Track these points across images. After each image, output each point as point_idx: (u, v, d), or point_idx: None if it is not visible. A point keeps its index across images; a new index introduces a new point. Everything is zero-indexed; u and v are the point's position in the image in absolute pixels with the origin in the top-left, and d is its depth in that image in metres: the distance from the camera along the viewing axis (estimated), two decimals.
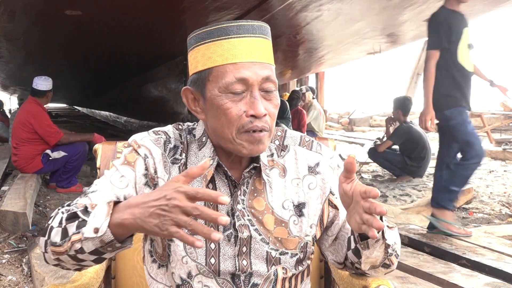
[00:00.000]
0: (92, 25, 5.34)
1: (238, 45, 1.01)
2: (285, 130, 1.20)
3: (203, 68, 1.04)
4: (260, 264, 1.09)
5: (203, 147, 1.11)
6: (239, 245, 1.08)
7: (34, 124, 4.87)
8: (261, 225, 1.09)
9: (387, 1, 4.79)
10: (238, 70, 1.01)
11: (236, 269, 1.08)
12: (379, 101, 19.98)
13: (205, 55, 1.03)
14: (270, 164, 1.13)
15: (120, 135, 10.15)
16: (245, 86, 1.01)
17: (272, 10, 4.88)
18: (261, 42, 1.04)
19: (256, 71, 1.01)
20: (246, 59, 1.01)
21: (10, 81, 12.83)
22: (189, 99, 1.10)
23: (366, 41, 7.09)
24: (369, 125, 15.00)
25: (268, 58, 1.05)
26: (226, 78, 1.01)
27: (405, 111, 6.07)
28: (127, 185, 1.07)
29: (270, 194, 1.11)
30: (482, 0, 5.00)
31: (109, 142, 1.58)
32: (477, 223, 4.26)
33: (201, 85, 1.05)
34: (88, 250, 0.94)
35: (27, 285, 2.88)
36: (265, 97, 1.03)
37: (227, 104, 1.01)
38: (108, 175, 1.09)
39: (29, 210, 3.78)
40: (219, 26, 1.02)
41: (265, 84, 1.03)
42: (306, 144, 1.18)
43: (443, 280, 2.72)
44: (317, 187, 1.15)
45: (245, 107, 1.01)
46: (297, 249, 1.12)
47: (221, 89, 1.02)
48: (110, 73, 9.92)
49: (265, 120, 1.02)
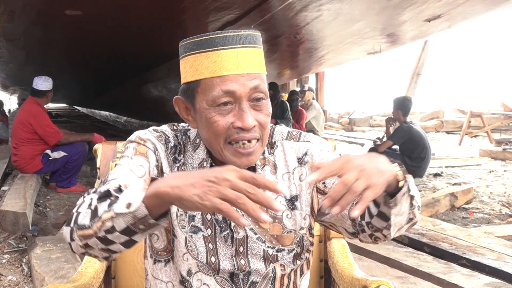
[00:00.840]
0: (92, 25, 5.34)
1: (225, 57, 1.00)
2: (273, 127, 1.19)
3: (192, 79, 1.04)
4: (258, 263, 1.10)
5: (197, 149, 1.11)
6: (235, 245, 1.08)
7: (34, 124, 4.87)
8: (256, 224, 1.10)
9: (387, 1, 4.78)
10: (225, 83, 1.00)
11: (235, 268, 1.09)
12: (379, 101, 19.97)
13: (193, 66, 1.03)
14: (261, 162, 1.13)
15: (120, 135, 10.15)
16: (233, 99, 1.01)
17: (272, 10, 4.88)
18: (249, 52, 1.02)
19: (244, 83, 1.01)
20: (233, 71, 1.00)
21: (10, 81, 12.82)
22: (181, 108, 1.10)
23: (366, 41, 7.09)
24: (369, 125, 14.99)
25: (256, 67, 1.03)
26: (213, 91, 1.00)
27: (405, 111, 6.07)
28: (144, 174, 1.04)
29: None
30: (482, 0, 5.00)
31: (109, 142, 1.58)
32: (477, 223, 4.26)
33: (191, 96, 1.06)
34: (119, 228, 0.87)
35: (27, 285, 2.88)
36: (254, 108, 1.03)
37: (215, 117, 1.01)
38: (125, 164, 1.05)
39: (29, 210, 3.78)
40: (206, 37, 1.01)
41: (254, 95, 1.02)
42: (293, 137, 1.18)
43: (443, 280, 2.72)
44: (307, 176, 1.14)
45: (233, 119, 1.01)
46: (293, 244, 1.12)
47: (208, 102, 1.02)
48: (110, 73, 9.91)
49: (254, 130, 1.02)
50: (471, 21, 6.12)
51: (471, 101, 18.74)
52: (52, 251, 3.06)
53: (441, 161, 7.63)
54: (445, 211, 4.68)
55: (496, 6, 5.33)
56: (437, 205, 4.64)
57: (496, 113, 11.86)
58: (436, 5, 4.95)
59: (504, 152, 7.94)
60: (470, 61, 40.93)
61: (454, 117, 14.03)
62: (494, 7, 5.39)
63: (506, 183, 5.96)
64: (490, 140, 10.27)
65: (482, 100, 19.40)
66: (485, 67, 38.11)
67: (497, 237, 3.55)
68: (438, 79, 33.92)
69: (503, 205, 4.84)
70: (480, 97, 22.16)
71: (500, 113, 11.84)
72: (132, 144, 1.10)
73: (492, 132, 11.01)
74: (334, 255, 1.44)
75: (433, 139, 11.29)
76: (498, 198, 5.14)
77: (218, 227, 1.09)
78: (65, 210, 4.52)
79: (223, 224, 1.09)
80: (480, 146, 9.41)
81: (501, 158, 7.86)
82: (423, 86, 15.52)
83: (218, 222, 1.09)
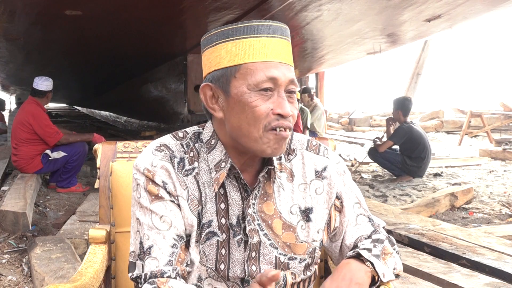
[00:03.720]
0: (92, 25, 5.34)
1: (268, 44, 1.01)
2: (291, 132, 1.19)
3: (229, 64, 1.02)
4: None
5: (213, 150, 1.09)
6: (248, 250, 1.07)
7: (34, 124, 4.86)
8: (270, 229, 1.09)
9: (387, 1, 4.78)
10: (268, 69, 1.00)
11: (245, 275, 1.07)
12: (379, 101, 19.99)
13: (232, 51, 1.01)
14: (278, 168, 1.12)
15: (120, 135, 10.15)
16: (274, 85, 1.01)
17: (272, 10, 4.88)
18: (286, 44, 1.04)
19: (284, 72, 1.02)
20: (276, 59, 1.01)
21: (10, 81, 12.83)
22: (207, 96, 1.07)
23: (366, 41, 7.09)
24: (369, 125, 15.00)
25: (291, 60, 1.06)
26: (256, 75, 1.00)
27: (405, 111, 6.07)
28: (170, 224, 1.05)
29: (279, 198, 1.10)
30: (482, 0, 5.00)
31: (109, 142, 1.57)
32: (477, 223, 4.26)
33: (225, 81, 1.03)
34: None
35: (27, 285, 2.88)
36: (288, 99, 1.03)
37: (256, 101, 1.00)
38: (148, 223, 1.05)
39: (29, 210, 3.78)
40: (249, 24, 1.01)
41: (290, 86, 1.03)
42: (313, 148, 1.17)
43: (443, 280, 2.71)
44: (323, 192, 1.14)
45: (272, 106, 1.01)
46: (305, 255, 1.11)
47: (250, 86, 1.00)
48: (110, 73, 9.92)
49: (289, 120, 1.02)
50: (471, 21, 6.12)
51: (471, 101, 18.76)
52: (52, 251, 3.06)
53: (441, 161, 7.63)
54: (445, 211, 4.68)
55: (496, 6, 5.33)
56: (437, 205, 4.64)
57: (496, 113, 11.87)
58: (436, 5, 4.95)
59: (504, 152, 7.95)
60: (470, 61, 40.91)
61: (454, 117, 14.04)
62: (494, 7, 5.39)
63: (506, 183, 5.96)
64: (490, 140, 10.27)
65: (482, 100, 19.42)
66: (485, 67, 38.10)
67: (497, 236, 3.54)
68: (438, 79, 33.93)
69: (503, 205, 4.84)
70: (480, 97, 22.18)
71: (500, 113, 11.84)
72: (141, 181, 1.07)
73: (492, 132, 11.01)
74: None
75: (433, 139, 11.30)
76: (498, 198, 5.14)
77: (232, 232, 1.07)
78: (65, 210, 4.52)
79: (237, 228, 1.08)
80: (480, 146, 9.41)
81: (501, 158, 7.86)
82: (423, 86, 15.54)
83: (232, 226, 1.08)
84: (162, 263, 1.02)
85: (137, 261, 1.05)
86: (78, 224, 3.77)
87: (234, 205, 1.08)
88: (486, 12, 5.65)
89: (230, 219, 1.07)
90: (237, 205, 1.08)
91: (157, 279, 1.00)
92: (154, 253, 1.03)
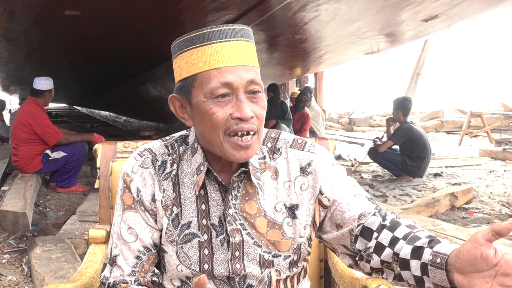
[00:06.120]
0: (91, 25, 5.34)
1: (221, 49, 1.01)
2: (279, 132, 1.20)
3: (188, 75, 1.04)
4: (253, 267, 1.09)
5: (195, 154, 1.12)
6: (231, 249, 1.08)
7: (33, 124, 4.86)
8: (253, 228, 1.10)
9: (384, 1, 4.78)
10: (222, 75, 1.00)
11: (229, 273, 1.09)
12: (379, 101, 19.99)
13: (189, 62, 1.03)
14: (262, 167, 1.13)
15: (120, 135, 10.16)
16: (230, 90, 1.01)
17: (271, 10, 4.88)
18: (243, 45, 1.03)
19: (240, 75, 1.01)
20: (230, 63, 1.01)
21: (10, 81, 12.83)
22: (176, 107, 1.10)
23: (365, 41, 7.09)
24: (369, 125, 15.01)
25: (251, 60, 1.04)
26: (210, 83, 1.01)
27: (405, 112, 6.08)
28: (136, 237, 1.11)
29: (262, 197, 1.11)
30: (479, 1, 5.00)
31: (109, 142, 1.58)
32: (477, 223, 4.26)
33: (187, 92, 1.05)
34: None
35: (27, 285, 2.88)
36: (251, 100, 1.03)
37: (213, 109, 1.01)
38: (118, 232, 1.13)
39: (29, 210, 3.78)
40: (200, 33, 1.02)
41: (250, 87, 1.03)
42: (298, 146, 1.17)
43: None
44: (309, 187, 1.14)
45: (231, 110, 1.01)
46: (290, 251, 1.12)
47: (206, 95, 1.02)
48: (109, 73, 9.92)
49: (252, 122, 1.02)
50: (469, 21, 6.11)
51: (471, 101, 18.76)
52: (52, 251, 3.06)
53: (441, 161, 7.64)
54: (445, 211, 4.68)
55: (493, 6, 5.33)
56: (437, 205, 4.64)
57: (496, 113, 11.88)
58: (433, 5, 4.95)
59: (504, 152, 7.95)
60: (470, 61, 40.92)
61: (454, 117, 14.04)
62: (491, 7, 5.39)
63: (506, 183, 5.96)
64: (490, 140, 10.28)
65: (482, 100, 19.42)
66: (485, 67, 38.11)
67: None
68: (438, 79, 33.94)
69: (503, 205, 4.85)
70: (480, 97, 22.18)
71: (500, 113, 11.85)
72: (121, 185, 1.14)
73: (492, 132, 11.02)
74: (334, 255, 1.44)
75: (433, 139, 11.30)
76: (498, 198, 5.14)
77: (214, 232, 1.09)
78: (65, 210, 4.52)
79: (219, 228, 1.09)
80: (480, 146, 9.42)
81: (501, 158, 7.87)
82: (423, 86, 15.54)
83: (214, 226, 1.09)
84: (125, 272, 1.10)
85: (107, 265, 1.14)
86: (78, 224, 3.78)
87: (214, 206, 1.10)
88: (483, 12, 5.65)
89: (212, 219, 1.10)
90: (217, 206, 1.10)
91: (119, 286, 1.09)
92: (119, 262, 1.11)
